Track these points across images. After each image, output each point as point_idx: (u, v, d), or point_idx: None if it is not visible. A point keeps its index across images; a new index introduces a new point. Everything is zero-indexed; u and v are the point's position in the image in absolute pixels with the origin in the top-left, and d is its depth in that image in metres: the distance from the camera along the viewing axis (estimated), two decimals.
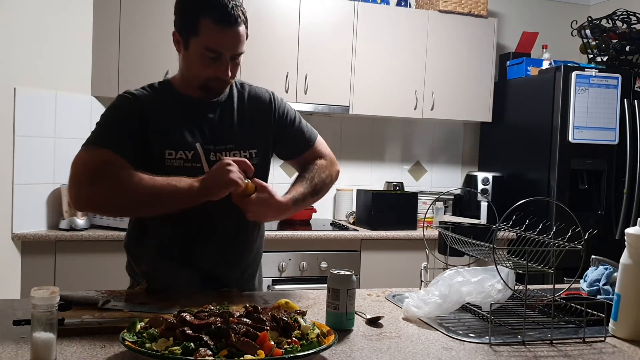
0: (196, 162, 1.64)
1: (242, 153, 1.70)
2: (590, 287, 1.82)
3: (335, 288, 1.41)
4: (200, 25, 1.56)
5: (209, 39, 1.56)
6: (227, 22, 1.55)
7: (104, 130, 1.62)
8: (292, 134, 1.82)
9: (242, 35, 1.60)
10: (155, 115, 1.64)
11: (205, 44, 1.57)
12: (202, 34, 1.56)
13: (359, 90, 3.78)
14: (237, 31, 1.58)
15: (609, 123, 3.70)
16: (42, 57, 3.10)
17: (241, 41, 1.60)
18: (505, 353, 1.31)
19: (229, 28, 1.56)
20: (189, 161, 1.63)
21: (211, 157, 1.66)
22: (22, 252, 3.01)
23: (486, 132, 4.44)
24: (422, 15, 3.92)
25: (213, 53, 1.58)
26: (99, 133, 1.62)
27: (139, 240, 1.76)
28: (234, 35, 1.58)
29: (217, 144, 1.68)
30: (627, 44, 3.88)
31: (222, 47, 1.58)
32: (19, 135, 2.98)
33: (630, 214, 3.71)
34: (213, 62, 1.59)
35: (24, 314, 1.33)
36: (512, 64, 4.19)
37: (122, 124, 1.62)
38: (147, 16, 3.39)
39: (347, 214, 3.98)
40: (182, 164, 1.62)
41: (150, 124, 1.62)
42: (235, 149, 1.70)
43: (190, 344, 1.08)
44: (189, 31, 1.59)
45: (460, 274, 1.56)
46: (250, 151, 1.72)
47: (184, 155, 1.63)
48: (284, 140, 1.82)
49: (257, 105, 1.77)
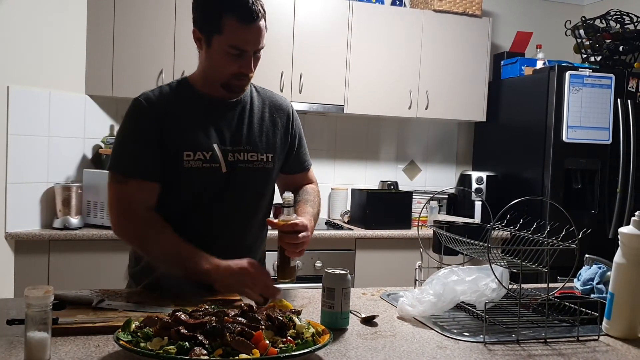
0: (214, 162, 1.64)
1: (259, 156, 1.70)
2: (584, 286, 1.83)
3: (330, 287, 1.41)
4: (223, 23, 1.55)
5: (233, 37, 1.55)
6: (249, 19, 1.55)
7: (127, 154, 1.64)
8: (297, 152, 1.85)
9: (263, 29, 1.59)
10: (172, 116, 1.63)
11: (230, 42, 1.56)
12: (226, 32, 1.55)
13: (353, 89, 3.79)
14: (259, 26, 1.57)
15: (602, 123, 3.72)
16: (36, 55, 3.08)
17: (262, 36, 1.60)
18: (499, 352, 1.32)
19: (252, 24, 1.56)
20: (207, 162, 1.63)
21: (229, 158, 1.66)
22: (16, 251, 3.00)
23: (480, 132, 4.45)
24: (416, 15, 3.93)
25: (237, 50, 1.57)
26: (123, 156, 1.64)
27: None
28: (257, 31, 1.57)
29: (235, 145, 1.68)
30: (621, 43, 3.90)
31: (246, 45, 1.57)
32: (12, 133, 2.97)
33: (623, 213, 3.72)
34: (237, 59, 1.59)
35: (17, 314, 1.32)
36: (506, 64, 4.20)
37: (143, 140, 1.62)
38: (141, 15, 3.38)
39: (342, 213, 3.98)
40: (200, 164, 1.62)
41: (168, 125, 1.62)
42: (253, 151, 1.70)
43: (185, 344, 1.08)
44: (211, 29, 1.57)
45: (454, 273, 1.56)
46: (267, 155, 1.72)
47: (202, 156, 1.62)
48: (289, 155, 1.83)
49: (277, 114, 1.79)
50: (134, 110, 1.64)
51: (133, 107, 1.65)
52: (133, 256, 1.80)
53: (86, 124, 3.44)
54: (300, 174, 1.90)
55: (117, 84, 3.36)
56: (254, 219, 1.76)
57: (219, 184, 1.66)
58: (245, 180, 1.69)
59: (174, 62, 3.43)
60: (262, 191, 1.76)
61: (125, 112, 1.67)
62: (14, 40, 2.96)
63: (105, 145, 3.43)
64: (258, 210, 1.77)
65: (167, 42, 3.42)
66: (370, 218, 3.66)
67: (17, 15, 2.97)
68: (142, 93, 1.67)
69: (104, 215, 3.19)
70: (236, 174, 1.67)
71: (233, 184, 1.66)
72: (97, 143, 3.51)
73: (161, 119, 1.62)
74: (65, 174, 3.32)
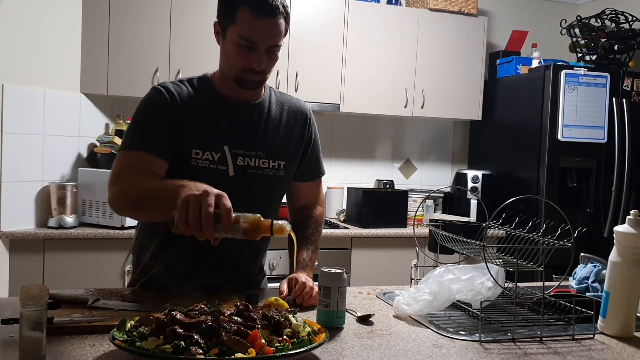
0: (222, 164, 1.61)
1: (270, 163, 1.68)
2: (579, 285, 1.84)
3: (326, 286, 1.41)
4: (237, 13, 1.53)
5: (245, 27, 1.53)
6: (263, 11, 1.53)
7: (134, 131, 1.61)
8: (310, 157, 1.82)
9: (278, 26, 1.56)
10: (187, 112, 1.61)
11: (240, 32, 1.54)
12: (239, 22, 1.54)
13: (349, 88, 3.79)
14: (274, 22, 1.55)
15: (597, 121, 3.73)
16: (31, 53, 3.07)
17: (277, 33, 1.56)
18: (495, 350, 1.32)
19: (265, 18, 1.53)
20: (214, 163, 1.61)
21: (238, 162, 1.63)
22: (10, 250, 2.99)
23: (476, 131, 4.46)
24: (412, 14, 3.93)
25: (248, 42, 1.54)
26: (130, 134, 1.61)
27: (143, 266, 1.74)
28: (270, 26, 1.55)
29: (248, 149, 1.65)
30: (616, 43, 3.91)
31: (256, 37, 1.54)
32: (7, 132, 2.96)
33: (618, 212, 3.74)
34: (248, 52, 1.56)
35: (12, 313, 1.31)
36: (501, 63, 4.21)
37: (155, 120, 1.60)
38: (137, 13, 3.37)
39: (338, 212, 3.98)
40: (207, 164, 1.60)
41: (181, 120, 1.60)
42: (265, 158, 1.67)
43: (181, 343, 1.07)
44: (227, 20, 1.56)
45: (450, 272, 1.56)
46: (280, 162, 1.70)
47: (210, 156, 1.60)
48: (302, 160, 1.81)
49: (294, 119, 1.76)
50: (151, 96, 1.63)
51: (151, 93, 1.63)
52: (135, 251, 1.79)
53: (81, 122, 3.43)
54: (310, 182, 1.86)
55: (112, 83, 3.35)
56: None
57: (225, 187, 1.58)
58: (254, 186, 1.66)
59: (170, 60, 3.42)
60: (271, 198, 1.74)
61: (142, 98, 1.65)
62: (8, 38, 2.95)
63: (100, 144, 3.41)
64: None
65: (162, 40, 3.41)
66: (366, 217, 3.67)
67: (11, 13, 2.95)
68: (162, 82, 1.66)
69: (99, 214, 3.18)
70: (245, 179, 1.65)
71: (240, 188, 1.62)
72: (92, 142, 3.50)
73: (176, 110, 1.60)
74: (60, 172, 3.31)
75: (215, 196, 1.27)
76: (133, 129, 1.62)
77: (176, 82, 1.67)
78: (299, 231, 1.82)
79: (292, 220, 1.88)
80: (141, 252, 1.75)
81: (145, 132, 1.60)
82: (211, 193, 1.27)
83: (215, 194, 1.28)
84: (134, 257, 1.80)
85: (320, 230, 1.87)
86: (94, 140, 3.50)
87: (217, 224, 1.26)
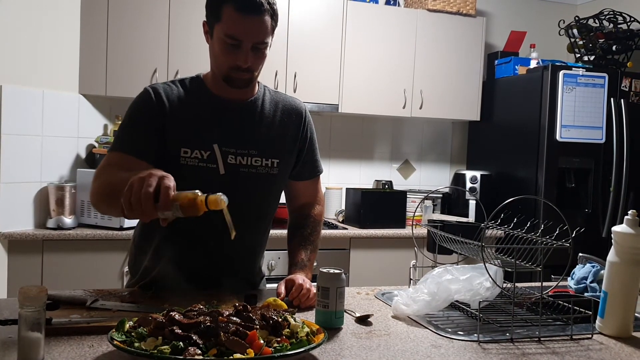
0: (212, 163, 1.61)
1: (263, 161, 1.67)
2: (578, 285, 1.84)
3: (324, 286, 1.41)
4: (222, 11, 1.54)
5: (229, 25, 1.54)
6: (247, 9, 1.53)
7: (121, 133, 1.63)
8: (308, 157, 1.81)
9: (263, 23, 1.56)
10: (175, 112, 1.62)
11: (225, 30, 1.54)
12: (224, 21, 1.54)
13: (348, 88, 3.79)
14: (258, 19, 1.55)
15: (596, 122, 3.73)
16: (30, 54, 3.07)
17: (262, 30, 1.56)
18: (493, 350, 1.32)
19: (250, 15, 1.53)
20: (203, 161, 1.61)
21: (229, 160, 1.63)
22: (9, 251, 2.98)
23: (474, 131, 4.46)
24: (410, 14, 3.93)
25: (233, 40, 1.54)
26: (116, 136, 1.64)
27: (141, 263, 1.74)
28: (255, 23, 1.54)
29: (239, 147, 1.65)
30: (614, 43, 3.92)
31: (241, 35, 1.54)
32: (5, 133, 2.95)
33: (617, 212, 3.74)
34: (233, 50, 1.56)
35: (11, 314, 1.31)
36: (500, 63, 4.21)
37: (140, 122, 1.61)
38: (135, 14, 3.37)
39: (337, 212, 3.98)
40: (196, 163, 1.60)
41: (170, 119, 1.61)
42: (258, 156, 1.67)
43: (180, 343, 1.07)
44: (213, 18, 1.57)
45: (449, 272, 1.56)
46: (273, 160, 1.69)
47: (199, 155, 1.60)
48: (299, 159, 1.80)
49: (289, 117, 1.75)
50: (138, 97, 1.65)
51: (139, 95, 1.65)
52: (133, 253, 1.79)
53: (80, 123, 3.43)
54: (308, 181, 1.85)
55: (110, 84, 3.35)
56: (257, 225, 1.75)
57: (216, 186, 1.52)
58: (247, 185, 1.66)
59: (168, 61, 3.42)
60: (266, 197, 1.74)
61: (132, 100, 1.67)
62: (6, 39, 2.95)
63: (98, 144, 3.41)
64: (261, 216, 1.75)
65: (161, 41, 3.42)
66: (365, 217, 3.67)
67: (10, 14, 2.95)
68: (152, 84, 1.68)
69: (97, 215, 3.18)
70: (237, 178, 1.64)
71: (233, 187, 1.59)
72: (91, 142, 3.50)
73: (164, 110, 1.61)
74: (58, 173, 3.31)
75: (158, 177, 1.26)
76: (120, 130, 1.65)
77: (168, 82, 1.69)
78: (298, 231, 1.82)
79: (291, 220, 1.88)
80: (139, 253, 1.75)
81: (129, 133, 1.62)
82: (155, 175, 1.26)
83: (158, 175, 1.27)
84: (132, 258, 1.80)
85: (319, 230, 1.87)
86: (92, 141, 3.50)
87: (156, 203, 1.25)
